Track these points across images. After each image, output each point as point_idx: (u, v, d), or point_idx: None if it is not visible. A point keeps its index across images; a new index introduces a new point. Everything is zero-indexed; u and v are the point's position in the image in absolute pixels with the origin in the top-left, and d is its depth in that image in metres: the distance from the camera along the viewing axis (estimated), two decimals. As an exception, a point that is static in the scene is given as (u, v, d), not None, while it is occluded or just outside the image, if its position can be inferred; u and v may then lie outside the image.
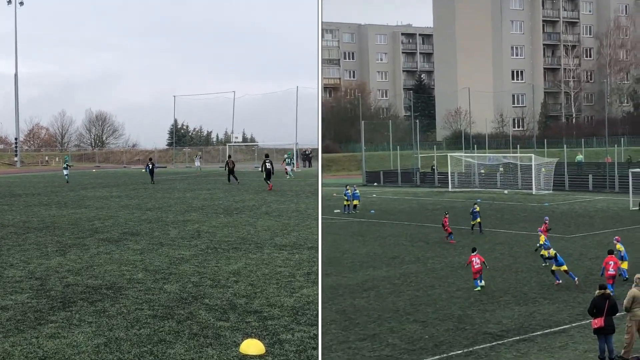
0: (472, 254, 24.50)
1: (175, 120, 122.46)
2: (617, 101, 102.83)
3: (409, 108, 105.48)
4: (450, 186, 63.51)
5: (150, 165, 61.20)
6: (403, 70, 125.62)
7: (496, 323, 19.52)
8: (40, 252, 24.41)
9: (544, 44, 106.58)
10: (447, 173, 65.50)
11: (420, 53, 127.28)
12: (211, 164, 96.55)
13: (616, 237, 29.24)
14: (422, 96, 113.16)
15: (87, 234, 28.60)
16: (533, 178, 58.73)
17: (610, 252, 23.80)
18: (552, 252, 25.37)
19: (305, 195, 44.65)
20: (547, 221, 33.23)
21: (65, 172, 62.20)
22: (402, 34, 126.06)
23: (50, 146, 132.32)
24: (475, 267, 23.84)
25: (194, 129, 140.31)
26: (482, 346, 17.56)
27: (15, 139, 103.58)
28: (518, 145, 71.27)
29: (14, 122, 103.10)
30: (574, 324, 19.17)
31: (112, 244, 26.02)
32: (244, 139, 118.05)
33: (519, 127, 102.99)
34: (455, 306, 21.53)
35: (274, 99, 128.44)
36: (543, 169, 60.37)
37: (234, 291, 18.65)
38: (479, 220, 36.49)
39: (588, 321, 18.00)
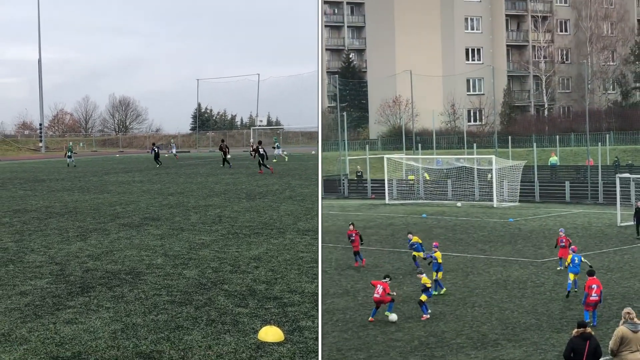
0: (383, 280, 25.58)
1: (199, 105, 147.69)
2: (600, 88, 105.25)
3: (333, 97, 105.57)
4: (387, 197, 64.07)
5: (156, 149, 77.67)
6: (327, 49, 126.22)
7: (447, 373, 19.75)
8: (61, 237, 29.73)
9: (506, 15, 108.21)
10: (384, 181, 66.05)
11: (349, 26, 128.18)
12: (236, 149, 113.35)
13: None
14: (350, 82, 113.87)
15: (108, 219, 34.59)
16: (494, 186, 59.73)
17: (591, 274, 24.69)
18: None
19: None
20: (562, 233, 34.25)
21: (69, 160, 77.06)
22: (325, 1, 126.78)
23: (74, 132, 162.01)
24: (376, 295, 25.06)
25: (218, 112, 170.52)
26: (428, 402, 17.76)
27: (40, 124, 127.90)
28: (475, 145, 72.39)
29: (39, 108, 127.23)
30: (546, 373, 19.55)
31: (132, 229, 31.45)
32: (269, 123, 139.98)
33: (475, 121, 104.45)
34: (395, 352, 21.69)
35: (299, 81, 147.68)
36: (507, 175, 61.50)
37: (254, 277, 23.02)
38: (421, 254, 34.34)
39: (564, 368, 18.40)
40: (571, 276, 28.61)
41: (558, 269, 33.02)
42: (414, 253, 33.90)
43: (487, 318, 25.27)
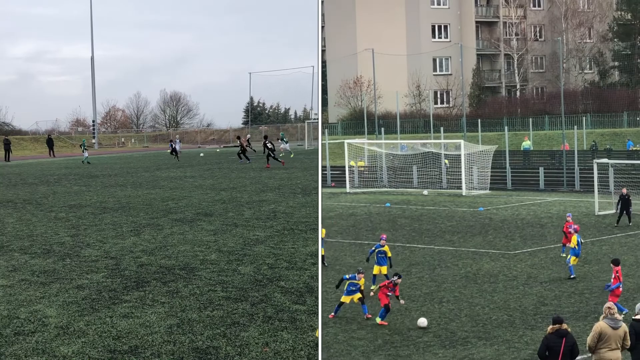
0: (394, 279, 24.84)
1: (251, 98, 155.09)
2: (576, 67, 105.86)
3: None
4: (348, 186, 64.08)
5: (174, 144, 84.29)
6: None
7: (413, 373, 19.77)
8: (115, 232, 31.70)
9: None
10: (344, 167, 66.04)
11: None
12: (290, 142, 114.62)
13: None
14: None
15: (161, 214, 36.63)
16: (463, 173, 59.94)
17: (617, 263, 25.46)
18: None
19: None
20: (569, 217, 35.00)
21: (85, 154, 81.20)
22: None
23: (126, 127, 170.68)
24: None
25: (271, 106, 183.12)
26: (393, 406, 17.78)
27: (93, 121, 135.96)
28: (442, 129, 72.51)
29: (92, 105, 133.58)
30: (519, 372, 19.63)
31: (185, 225, 33.15)
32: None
33: (442, 103, 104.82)
34: (357, 351, 21.67)
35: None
36: (477, 161, 61.73)
37: (311, 274, 24.31)
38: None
39: (539, 367, 18.47)
40: (573, 260, 29.91)
41: (562, 255, 33.70)
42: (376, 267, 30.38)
43: (456, 314, 25.31)
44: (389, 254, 29.88)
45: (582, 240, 30.61)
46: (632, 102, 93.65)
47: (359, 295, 25.02)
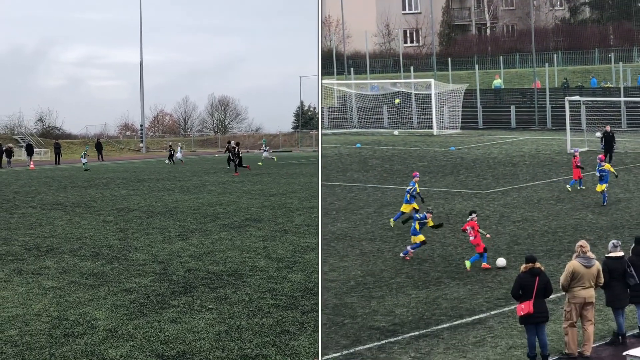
0: (469, 218, 25.21)
1: (301, 103, 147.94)
2: (546, 4, 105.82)
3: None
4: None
5: (174, 152, 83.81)
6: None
7: (386, 314, 19.82)
8: (163, 236, 30.80)
9: None
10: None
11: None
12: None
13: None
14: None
15: (208, 219, 35.19)
16: (433, 113, 59.98)
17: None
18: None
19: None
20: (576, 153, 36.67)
21: (83, 160, 77.85)
22: None
23: (173, 132, 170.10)
24: (470, 239, 24.72)
25: None
26: (367, 346, 17.79)
27: (141, 125, 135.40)
28: (412, 68, 72.50)
29: (140, 110, 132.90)
30: (492, 312, 19.70)
31: (234, 230, 31.84)
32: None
33: (412, 42, 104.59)
34: (329, 293, 21.75)
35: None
36: (447, 100, 61.71)
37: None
38: None
39: (512, 307, 18.56)
40: (601, 187, 32.21)
41: (568, 188, 35.37)
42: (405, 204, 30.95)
43: (429, 255, 25.40)
44: (418, 190, 30.68)
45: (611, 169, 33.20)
46: (603, 39, 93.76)
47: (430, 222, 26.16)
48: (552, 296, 17.18)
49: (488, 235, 25.32)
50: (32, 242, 29.24)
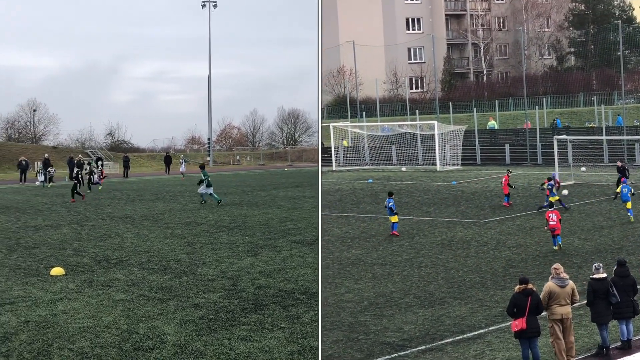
0: (550, 209, 29.61)
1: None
2: (536, 53, 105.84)
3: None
4: (334, 164, 64.16)
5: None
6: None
7: (396, 330, 19.83)
8: (231, 251, 28.63)
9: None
10: (330, 148, 66.10)
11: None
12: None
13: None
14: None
15: (278, 235, 32.56)
16: (437, 151, 60.07)
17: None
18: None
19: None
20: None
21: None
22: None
23: (241, 145, 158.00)
24: (551, 223, 28.62)
25: None
26: (379, 359, 17.79)
27: (208, 139, 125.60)
28: (417, 111, 72.66)
29: (207, 123, 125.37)
30: (491, 328, 19.69)
31: (305, 247, 29.28)
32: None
33: (417, 88, 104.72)
34: (345, 312, 21.73)
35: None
36: (449, 140, 61.79)
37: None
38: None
39: (508, 323, 18.52)
40: (628, 205, 33.46)
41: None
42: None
43: (434, 277, 25.40)
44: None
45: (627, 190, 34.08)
46: (587, 84, 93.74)
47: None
48: (543, 314, 17.21)
49: (546, 228, 29.07)
50: (102, 254, 27.57)
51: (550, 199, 36.18)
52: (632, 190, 34.80)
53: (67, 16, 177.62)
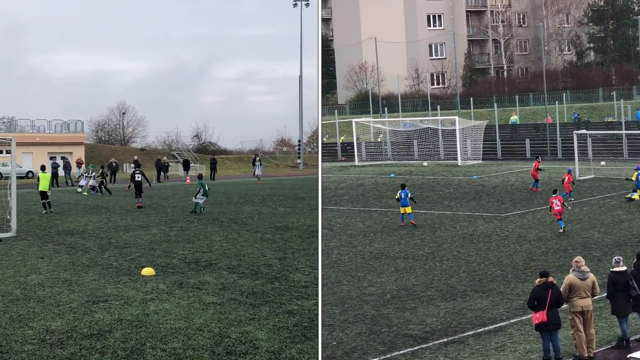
0: (553, 195, 31.99)
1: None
2: (556, 49, 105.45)
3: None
4: (356, 159, 64.15)
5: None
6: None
7: (418, 323, 19.84)
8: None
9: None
10: (353, 143, 66.11)
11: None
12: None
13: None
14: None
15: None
16: (458, 146, 59.91)
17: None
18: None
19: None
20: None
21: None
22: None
23: None
24: (555, 208, 31.09)
25: None
26: (402, 352, 17.82)
27: (299, 141, 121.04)
28: (438, 107, 72.57)
29: (298, 125, 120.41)
30: (512, 321, 19.69)
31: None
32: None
33: (438, 84, 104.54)
34: (368, 305, 21.76)
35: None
36: (470, 134, 61.66)
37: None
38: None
39: (529, 316, 18.50)
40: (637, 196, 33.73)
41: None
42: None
43: (455, 271, 25.39)
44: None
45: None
46: (606, 79, 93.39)
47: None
48: (563, 306, 17.17)
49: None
50: (191, 256, 26.53)
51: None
52: None
53: (157, 19, 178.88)
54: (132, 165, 59.01)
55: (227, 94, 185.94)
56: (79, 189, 55.67)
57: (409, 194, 34.57)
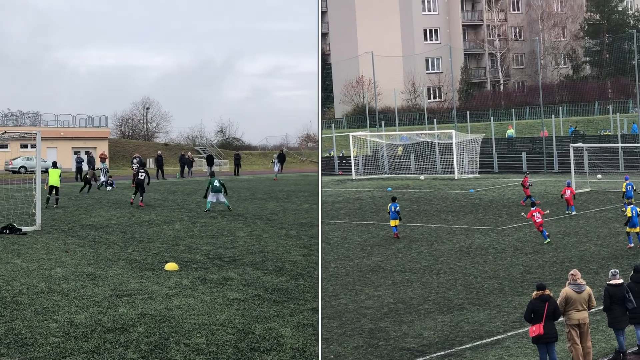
0: (532, 208, 32.40)
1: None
2: (552, 63, 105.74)
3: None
4: (353, 173, 64.17)
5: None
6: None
7: (415, 336, 19.82)
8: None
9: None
10: (350, 157, 66.12)
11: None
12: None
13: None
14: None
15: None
16: (455, 159, 59.93)
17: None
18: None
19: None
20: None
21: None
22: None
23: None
24: (537, 221, 31.38)
25: None
26: (399, 365, 17.80)
27: (317, 137, 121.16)
28: (435, 121, 72.61)
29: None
30: (509, 333, 19.67)
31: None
32: None
33: (435, 98, 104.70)
34: (366, 319, 21.75)
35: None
36: (466, 148, 61.71)
37: None
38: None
39: (525, 329, 18.49)
40: (633, 230, 30.31)
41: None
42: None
43: (452, 284, 25.37)
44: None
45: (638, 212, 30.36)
46: (602, 93, 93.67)
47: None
48: (560, 319, 17.16)
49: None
50: (215, 252, 26.42)
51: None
52: (634, 186, 36.68)
53: (183, 15, 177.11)
54: (136, 164, 57.78)
55: (253, 89, 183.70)
56: (102, 186, 55.80)
57: (397, 207, 34.61)
